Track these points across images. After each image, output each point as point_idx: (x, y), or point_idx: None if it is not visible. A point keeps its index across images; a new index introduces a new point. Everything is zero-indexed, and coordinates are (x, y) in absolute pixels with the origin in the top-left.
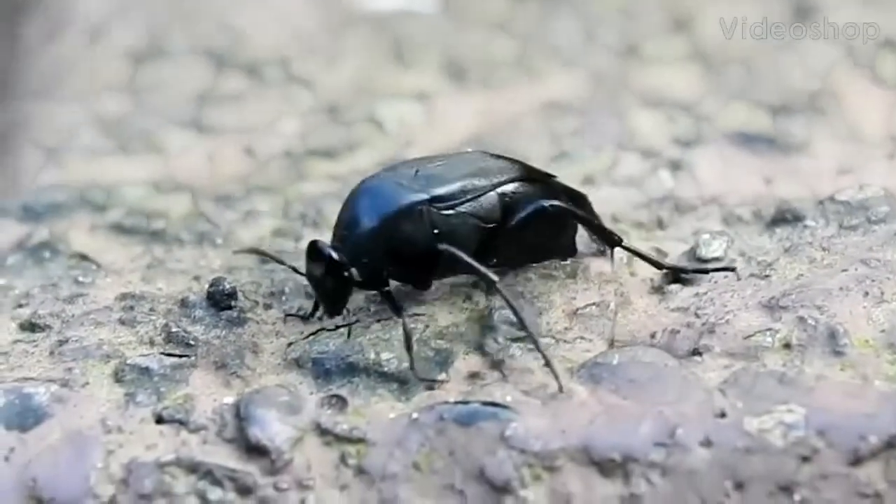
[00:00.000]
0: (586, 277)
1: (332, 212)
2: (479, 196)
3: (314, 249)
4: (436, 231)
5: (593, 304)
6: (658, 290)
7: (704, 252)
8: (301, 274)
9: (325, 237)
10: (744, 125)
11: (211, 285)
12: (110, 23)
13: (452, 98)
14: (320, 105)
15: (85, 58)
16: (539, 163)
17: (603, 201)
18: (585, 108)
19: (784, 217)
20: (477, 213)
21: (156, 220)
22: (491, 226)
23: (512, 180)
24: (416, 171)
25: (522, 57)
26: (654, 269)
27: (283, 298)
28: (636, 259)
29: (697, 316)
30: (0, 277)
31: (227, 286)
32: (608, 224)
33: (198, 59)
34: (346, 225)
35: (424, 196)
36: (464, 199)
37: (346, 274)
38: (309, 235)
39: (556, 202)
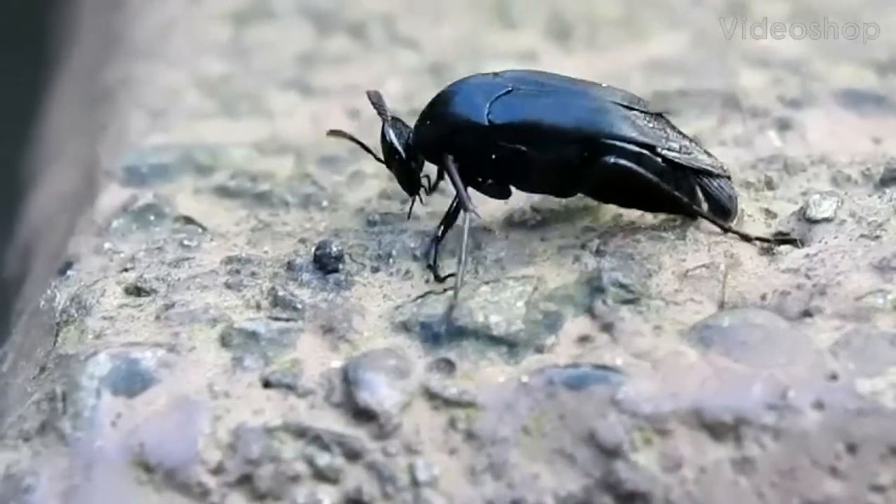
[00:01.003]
0: (696, 239)
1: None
2: (554, 147)
3: (382, 131)
4: (493, 157)
5: (703, 265)
6: (768, 251)
7: (815, 213)
8: (380, 160)
9: (434, 198)
10: (852, 84)
11: (318, 248)
12: None
13: (557, 57)
14: (425, 65)
15: (188, 19)
16: None
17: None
18: (691, 68)
19: (894, 177)
20: (546, 157)
21: (261, 182)
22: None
23: (605, 138)
24: (512, 90)
25: (627, 16)
26: (763, 230)
27: (391, 261)
28: (746, 220)
29: (808, 277)
30: (105, 241)
31: (335, 249)
32: None
33: (302, 19)
34: (421, 115)
35: (484, 122)
36: (533, 143)
37: (405, 158)
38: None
39: (621, 160)
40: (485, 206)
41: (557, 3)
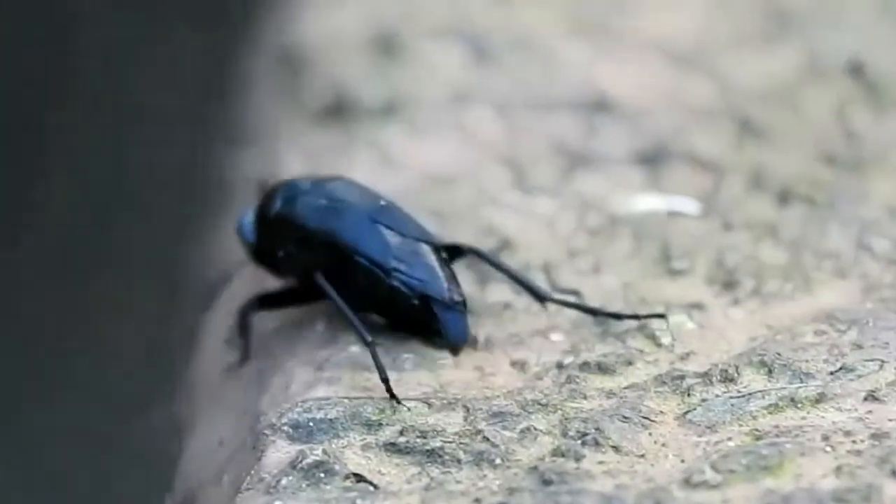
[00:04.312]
0: None
1: (613, 430)
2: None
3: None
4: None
5: None
6: None
7: None
8: None
9: (609, 456)
10: None
11: None
12: None
13: (724, 307)
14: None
15: None
16: (818, 378)
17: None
18: (863, 320)
19: None
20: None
21: (431, 438)
22: None
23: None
24: (307, 192)
25: (792, 263)
26: None
27: None
28: None
29: None
30: (276, 499)
31: None
32: None
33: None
34: None
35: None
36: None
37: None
38: (590, 455)
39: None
40: None
41: (719, 248)
